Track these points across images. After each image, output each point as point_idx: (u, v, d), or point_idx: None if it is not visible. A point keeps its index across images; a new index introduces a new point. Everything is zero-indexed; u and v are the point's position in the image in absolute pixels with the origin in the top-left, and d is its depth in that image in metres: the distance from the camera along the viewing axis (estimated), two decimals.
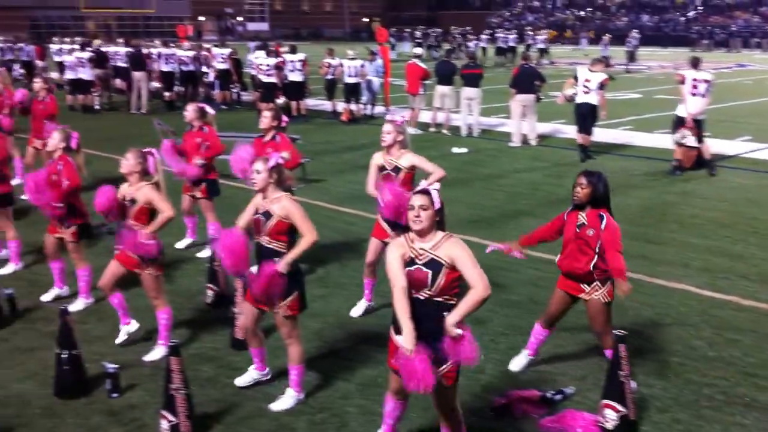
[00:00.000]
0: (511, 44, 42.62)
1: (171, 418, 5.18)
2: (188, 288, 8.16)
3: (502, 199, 12.21)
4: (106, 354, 6.49)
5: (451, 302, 4.40)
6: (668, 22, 68.44)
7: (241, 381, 6.01)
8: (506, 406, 5.66)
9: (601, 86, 14.60)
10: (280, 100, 19.84)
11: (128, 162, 6.35)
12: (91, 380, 5.98)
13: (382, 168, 7.08)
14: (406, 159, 7.03)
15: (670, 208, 11.62)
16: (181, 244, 9.57)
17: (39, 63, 27.61)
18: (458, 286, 4.42)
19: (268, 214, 5.45)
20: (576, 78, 14.89)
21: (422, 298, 4.38)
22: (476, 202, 11.96)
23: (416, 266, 4.40)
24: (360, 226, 10.45)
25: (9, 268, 8.63)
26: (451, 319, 4.31)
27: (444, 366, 4.41)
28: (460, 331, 4.31)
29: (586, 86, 14.62)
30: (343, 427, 5.45)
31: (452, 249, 4.39)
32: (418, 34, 50.98)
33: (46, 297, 7.79)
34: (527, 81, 16.69)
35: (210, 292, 7.72)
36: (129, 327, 6.84)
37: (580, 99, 14.76)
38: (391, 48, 44.16)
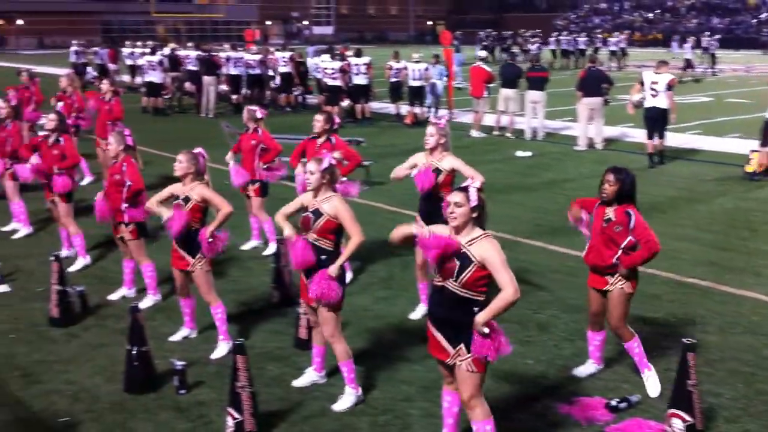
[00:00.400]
0: (581, 47, 42.00)
1: (236, 415, 5.27)
2: (254, 288, 8.28)
3: (566, 203, 12.01)
4: (173, 351, 6.64)
5: (476, 298, 4.52)
6: (740, 24, 66.64)
7: (299, 382, 6.10)
8: (570, 413, 5.60)
9: (669, 87, 14.29)
10: (345, 103, 19.99)
11: (182, 164, 6.56)
12: (160, 377, 6.12)
13: (435, 170, 7.13)
14: (448, 162, 7.10)
15: (741, 214, 11.32)
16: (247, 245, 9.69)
17: (111, 66, 28.39)
18: (486, 285, 4.53)
19: (318, 213, 5.60)
20: (642, 82, 14.62)
21: (448, 287, 4.55)
22: (539, 206, 11.86)
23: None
24: (402, 222, 10.47)
25: (78, 264, 8.90)
26: (480, 318, 4.46)
27: (469, 355, 4.56)
28: (487, 330, 4.47)
29: (653, 89, 14.33)
30: (406, 429, 5.47)
31: (485, 249, 4.49)
32: (481, 34, 50.70)
33: (113, 296, 7.99)
34: (594, 84, 16.45)
35: (275, 292, 7.83)
36: (190, 332, 7.02)
37: (649, 103, 14.48)
38: (456, 51, 44.05)
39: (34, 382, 6.17)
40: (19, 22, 70.04)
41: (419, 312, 7.43)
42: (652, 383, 5.97)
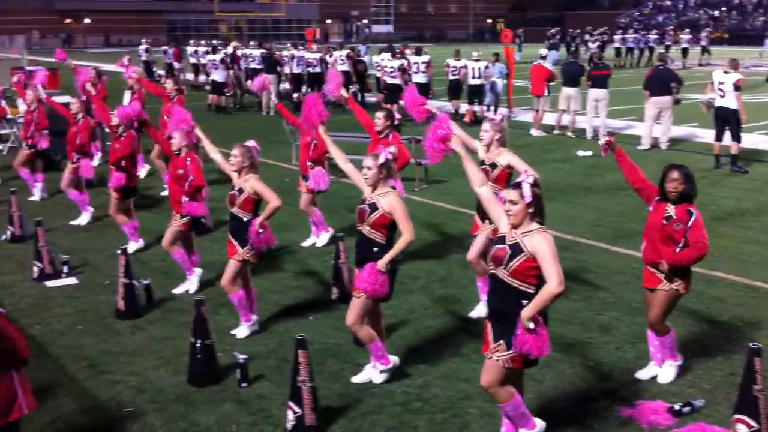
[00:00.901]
0: (651, 44, 41.24)
1: (297, 409, 5.32)
2: (313, 284, 8.35)
3: (629, 204, 11.85)
4: (235, 344, 6.75)
5: (525, 289, 4.55)
6: None
7: (358, 378, 6.16)
8: (632, 417, 5.52)
9: (736, 88, 13.94)
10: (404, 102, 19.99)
11: (237, 158, 6.79)
12: (222, 369, 6.23)
13: (482, 161, 7.12)
14: (504, 158, 7.09)
15: None
16: (307, 243, 9.77)
17: (176, 65, 28.90)
18: (536, 276, 4.53)
19: (374, 206, 5.72)
20: (713, 82, 14.31)
21: (498, 275, 4.63)
22: (601, 206, 11.69)
23: (503, 245, 4.63)
24: (455, 221, 10.46)
25: (131, 247, 9.17)
26: (525, 312, 4.49)
27: (511, 351, 4.60)
28: (532, 325, 4.48)
29: (720, 89, 14.02)
30: (465, 428, 5.46)
31: (538, 241, 4.53)
32: (551, 32, 50.14)
33: (192, 288, 8.16)
34: (662, 83, 16.14)
35: (335, 289, 7.89)
36: (250, 323, 7.10)
37: (718, 103, 14.16)
38: (517, 49, 43.66)
39: (100, 372, 6.33)
40: (87, 20, 71.83)
41: (478, 311, 7.40)
42: (667, 373, 6.04)
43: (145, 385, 6.12)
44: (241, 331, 7.01)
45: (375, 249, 5.74)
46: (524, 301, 4.54)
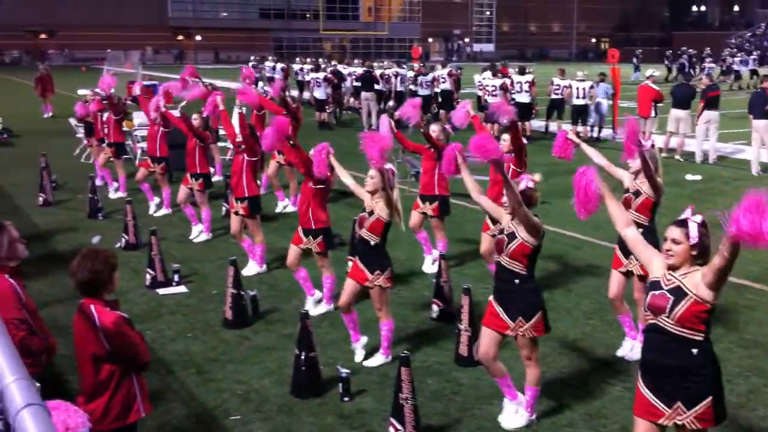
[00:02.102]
0: (751, 67, 39.77)
1: (398, 426, 5.36)
2: (415, 302, 8.38)
3: None
4: (338, 358, 6.83)
5: (694, 337, 4.09)
6: None
7: (508, 424, 5.73)
8: None
9: None
10: (503, 120, 19.88)
11: (373, 179, 6.56)
12: (325, 382, 6.32)
13: (626, 190, 6.88)
14: (648, 186, 6.73)
15: None
16: (427, 268, 9.51)
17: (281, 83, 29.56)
18: (705, 323, 4.11)
19: (512, 236, 5.43)
20: None
21: (659, 325, 4.15)
22: (715, 233, 11.29)
23: (660, 291, 4.18)
24: (584, 250, 10.25)
25: (252, 270, 9.30)
26: None
27: (691, 412, 4.13)
28: None
29: None
30: None
31: (699, 275, 4.10)
32: (668, 53, 49.02)
33: (311, 310, 7.81)
34: (760, 106, 15.59)
35: (435, 307, 7.90)
36: (361, 342, 7.01)
37: None
38: (634, 69, 42.77)
39: (208, 380, 6.53)
40: (198, 37, 74.54)
41: (625, 349, 6.99)
42: None
43: (251, 394, 6.27)
44: (376, 360, 6.83)
45: (516, 281, 5.43)
46: (694, 350, 4.09)
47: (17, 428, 1.33)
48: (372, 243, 6.57)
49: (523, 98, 20.10)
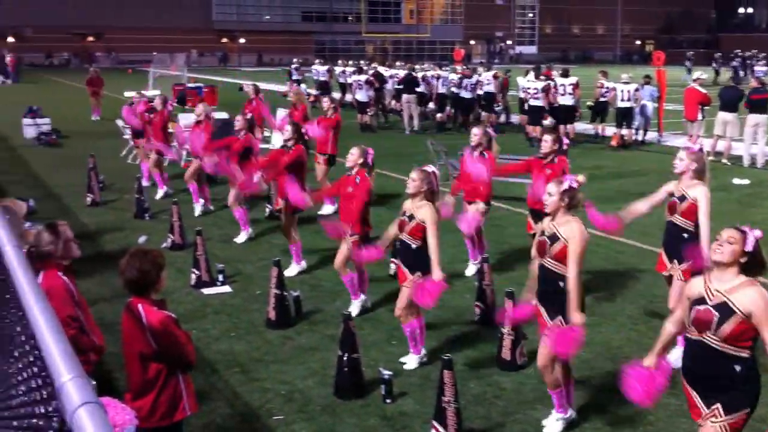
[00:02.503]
0: None
1: (441, 429, 5.35)
2: (457, 305, 8.36)
3: None
4: (379, 360, 6.84)
5: (738, 354, 4.07)
6: None
7: (552, 428, 5.68)
8: None
9: None
10: (547, 122, 19.76)
11: (414, 182, 6.51)
12: (367, 384, 6.34)
13: (671, 194, 6.80)
14: (695, 191, 6.61)
15: None
16: (469, 271, 9.46)
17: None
18: (752, 339, 4.07)
19: (554, 237, 5.38)
20: None
21: (704, 341, 4.12)
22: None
23: (705, 306, 4.15)
24: (629, 254, 10.13)
25: (293, 270, 9.36)
26: None
27: (726, 417, 4.15)
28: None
29: None
30: None
31: (750, 298, 4.04)
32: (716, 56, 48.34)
33: (354, 310, 7.85)
34: None
35: (477, 310, 7.88)
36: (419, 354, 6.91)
37: None
38: (687, 71, 42.10)
39: (252, 379, 6.59)
40: (242, 40, 75.26)
41: (675, 355, 6.63)
42: None
43: (294, 394, 6.32)
44: (412, 362, 6.82)
45: (561, 283, 5.32)
46: (737, 367, 4.08)
47: (74, 427, 1.34)
48: (413, 246, 6.54)
49: (567, 101, 19.93)
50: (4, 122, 23.53)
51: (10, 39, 65.16)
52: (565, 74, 20.67)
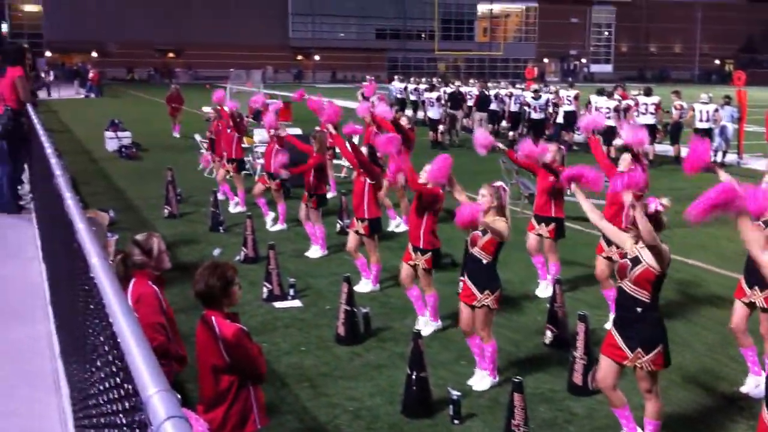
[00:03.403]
0: None
1: None
2: (527, 327, 8.26)
3: None
4: (447, 379, 6.79)
5: None
6: None
7: None
8: None
9: None
10: (617, 142, 19.41)
11: (485, 198, 6.52)
12: (435, 403, 6.29)
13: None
14: None
15: None
16: (542, 292, 9.31)
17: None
18: None
19: (636, 261, 5.26)
20: None
21: None
22: None
23: None
24: (708, 280, 9.85)
25: (366, 287, 9.39)
26: None
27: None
28: None
29: None
30: None
31: None
32: None
33: (423, 330, 7.63)
34: None
35: (549, 333, 7.76)
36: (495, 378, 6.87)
37: None
38: None
39: (320, 394, 6.62)
40: (316, 57, 76.38)
41: (749, 386, 6.69)
42: None
43: (362, 411, 6.32)
44: (484, 383, 6.76)
45: (639, 309, 5.23)
46: None
47: None
48: (484, 262, 6.53)
49: (648, 120, 19.51)
50: (87, 135, 24.36)
51: (94, 54, 67.53)
52: (647, 93, 20.27)
